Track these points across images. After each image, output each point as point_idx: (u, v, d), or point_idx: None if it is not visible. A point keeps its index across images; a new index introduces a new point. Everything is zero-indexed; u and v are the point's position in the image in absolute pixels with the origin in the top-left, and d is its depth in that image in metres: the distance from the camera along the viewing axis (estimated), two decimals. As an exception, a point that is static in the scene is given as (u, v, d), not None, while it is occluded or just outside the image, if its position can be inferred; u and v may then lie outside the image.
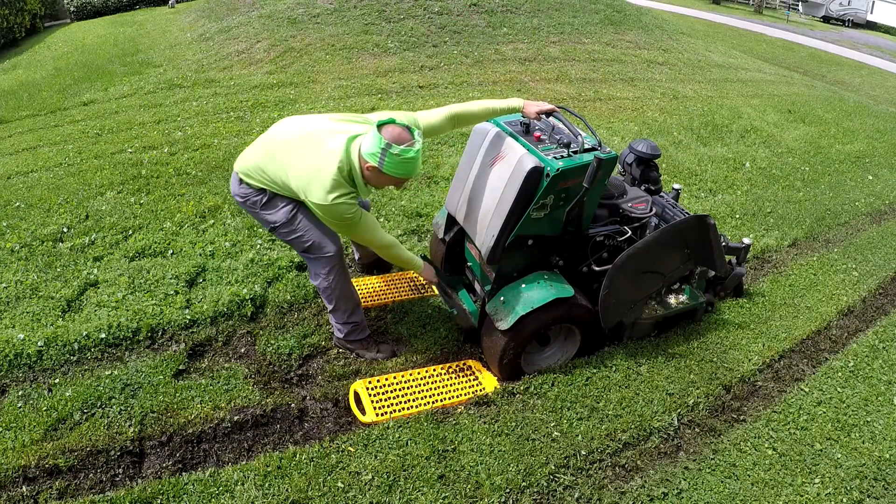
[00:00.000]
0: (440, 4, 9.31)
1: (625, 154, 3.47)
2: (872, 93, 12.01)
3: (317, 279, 2.83)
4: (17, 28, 12.58)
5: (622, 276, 2.74)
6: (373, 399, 2.71)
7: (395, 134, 2.35)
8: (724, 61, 10.73)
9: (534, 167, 2.48)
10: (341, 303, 2.88)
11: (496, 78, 7.73)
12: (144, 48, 9.69)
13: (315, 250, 2.73)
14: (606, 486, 2.40)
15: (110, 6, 14.70)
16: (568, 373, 2.86)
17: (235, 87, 7.27)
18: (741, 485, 2.46)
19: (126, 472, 2.40)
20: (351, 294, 2.90)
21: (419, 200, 4.43)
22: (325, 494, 2.26)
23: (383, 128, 2.38)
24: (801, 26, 21.89)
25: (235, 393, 2.72)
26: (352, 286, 2.90)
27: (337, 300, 2.86)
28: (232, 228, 3.97)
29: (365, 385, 2.77)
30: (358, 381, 2.82)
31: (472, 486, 2.32)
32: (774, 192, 5.41)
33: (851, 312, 3.76)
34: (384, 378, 2.83)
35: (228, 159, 5.06)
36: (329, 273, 2.77)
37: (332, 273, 2.78)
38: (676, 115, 7.19)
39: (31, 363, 2.80)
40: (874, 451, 2.69)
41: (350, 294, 2.89)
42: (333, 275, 2.78)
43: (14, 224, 4.03)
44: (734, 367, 3.05)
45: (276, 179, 2.59)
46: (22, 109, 7.06)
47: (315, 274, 2.83)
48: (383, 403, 2.70)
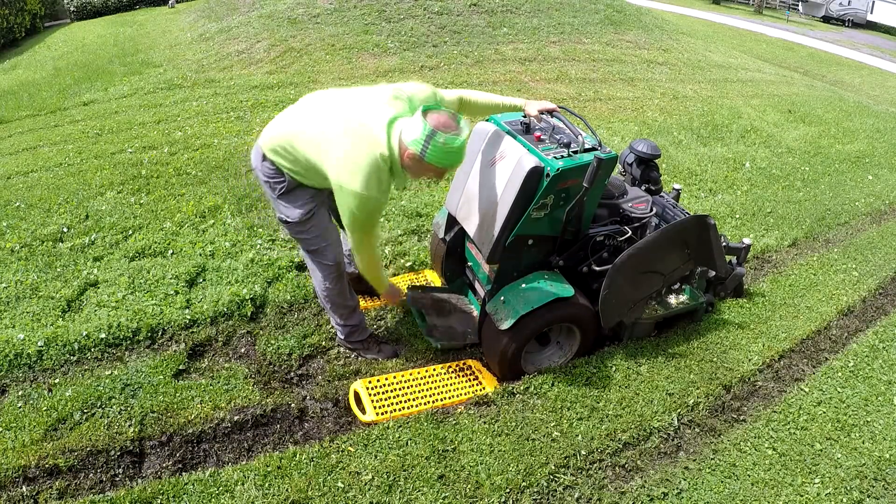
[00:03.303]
0: (440, 4, 9.31)
1: (625, 154, 3.47)
2: (872, 93, 12.01)
3: (315, 280, 2.84)
4: (17, 28, 12.58)
5: (622, 276, 2.74)
6: (373, 399, 2.71)
7: (441, 121, 2.20)
8: (724, 61, 10.72)
9: (534, 167, 2.48)
10: (337, 307, 2.88)
11: (496, 78, 7.73)
12: (144, 48, 9.69)
13: (317, 256, 2.72)
14: (606, 486, 2.40)
15: (110, 6, 14.70)
16: (568, 373, 2.87)
17: (235, 87, 7.27)
18: (741, 485, 2.46)
19: (126, 472, 2.39)
20: (346, 300, 2.88)
21: (419, 200, 4.43)
22: (325, 494, 2.26)
23: (429, 114, 2.22)
24: (801, 26, 21.89)
25: (235, 393, 2.72)
26: (349, 292, 2.90)
27: (332, 304, 2.87)
28: (232, 228, 3.97)
29: (365, 385, 2.77)
30: (358, 380, 2.82)
31: (472, 486, 2.32)
32: (774, 192, 5.41)
33: (851, 312, 3.76)
34: (384, 378, 2.83)
35: (228, 159, 5.07)
36: (325, 279, 2.78)
37: (328, 280, 2.78)
38: (676, 115, 7.19)
39: (31, 363, 2.80)
40: (874, 451, 2.69)
41: (345, 300, 2.88)
42: (329, 282, 2.78)
43: (14, 224, 4.03)
44: (734, 367, 3.05)
45: (305, 159, 2.40)
46: (22, 109, 7.06)
47: (313, 275, 2.83)
48: (384, 403, 2.70)
